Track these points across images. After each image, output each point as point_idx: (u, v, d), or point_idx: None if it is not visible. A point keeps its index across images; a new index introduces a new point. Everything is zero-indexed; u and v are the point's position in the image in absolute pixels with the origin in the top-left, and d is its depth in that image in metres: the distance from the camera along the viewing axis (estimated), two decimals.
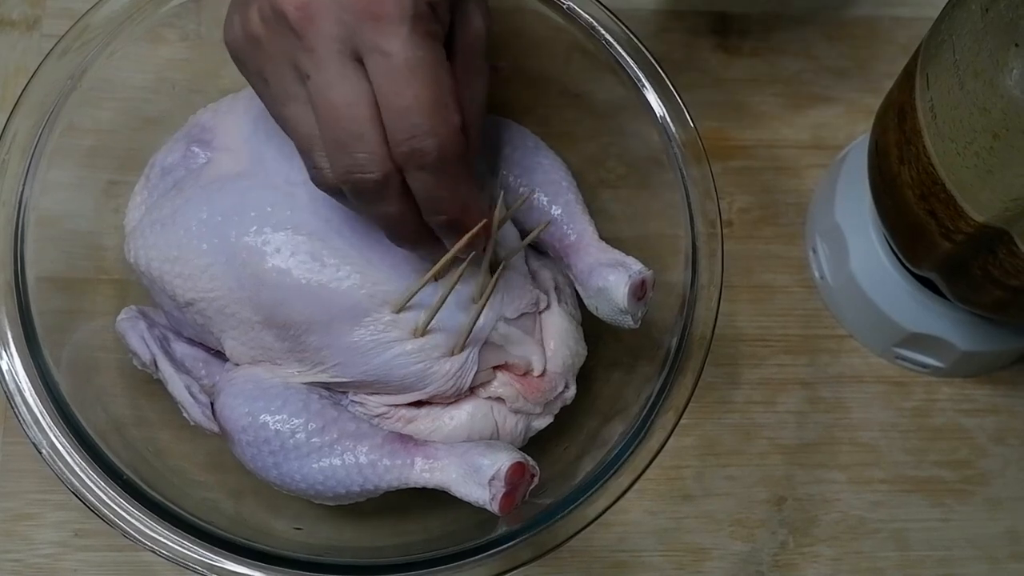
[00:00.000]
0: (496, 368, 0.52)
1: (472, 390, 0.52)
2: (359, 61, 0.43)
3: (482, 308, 0.49)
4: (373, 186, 0.44)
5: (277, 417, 0.49)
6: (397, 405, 0.51)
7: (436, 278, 0.49)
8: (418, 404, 0.51)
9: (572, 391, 0.53)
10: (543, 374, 0.52)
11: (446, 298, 0.49)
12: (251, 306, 0.50)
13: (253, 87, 0.47)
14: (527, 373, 0.52)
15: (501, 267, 0.50)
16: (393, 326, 0.50)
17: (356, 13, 0.42)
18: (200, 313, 0.52)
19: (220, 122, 0.55)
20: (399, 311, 0.50)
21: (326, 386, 0.51)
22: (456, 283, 0.49)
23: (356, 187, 0.44)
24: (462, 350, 0.50)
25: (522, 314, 0.52)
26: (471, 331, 0.49)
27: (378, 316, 0.50)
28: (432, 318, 0.49)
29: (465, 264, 0.48)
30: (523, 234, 0.55)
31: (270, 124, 0.49)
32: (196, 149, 0.55)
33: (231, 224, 0.51)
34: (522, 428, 0.52)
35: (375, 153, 0.43)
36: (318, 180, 0.46)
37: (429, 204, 0.45)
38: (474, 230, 0.47)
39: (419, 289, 0.49)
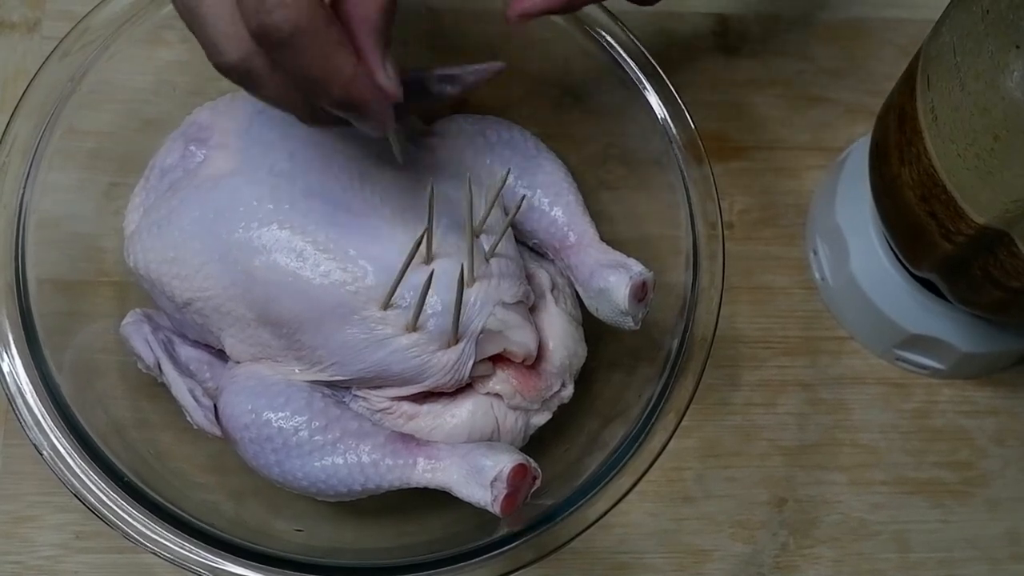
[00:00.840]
0: (495, 361, 0.52)
1: (472, 384, 0.52)
2: None
3: (461, 293, 0.48)
4: (233, 68, 0.41)
5: (280, 415, 0.49)
6: (400, 399, 0.51)
7: (427, 262, 0.49)
8: (420, 401, 0.51)
9: (569, 390, 0.53)
10: (539, 369, 0.52)
11: (427, 291, 0.48)
12: (245, 304, 0.51)
13: None
14: (525, 361, 0.52)
15: (490, 252, 0.50)
16: (384, 322, 0.50)
17: None
18: (199, 312, 0.52)
19: (217, 120, 0.55)
20: (386, 307, 0.50)
21: (328, 384, 0.51)
22: (431, 278, 0.48)
23: (220, 69, 0.41)
24: (458, 340, 0.50)
25: (518, 301, 0.52)
26: (458, 316, 0.49)
27: (367, 313, 0.50)
28: (419, 313, 0.49)
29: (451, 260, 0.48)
30: (522, 234, 0.55)
31: (266, 119, 0.49)
32: (193, 148, 0.55)
33: (223, 222, 0.51)
34: (522, 425, 0.52)
35: (226, 33, 0.40)
36: (210, 60, 0.42)
37: (301, 85, 0.41)
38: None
39: (398, 283, 0.49)
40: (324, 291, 0.49)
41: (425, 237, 0.49)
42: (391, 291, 0.49)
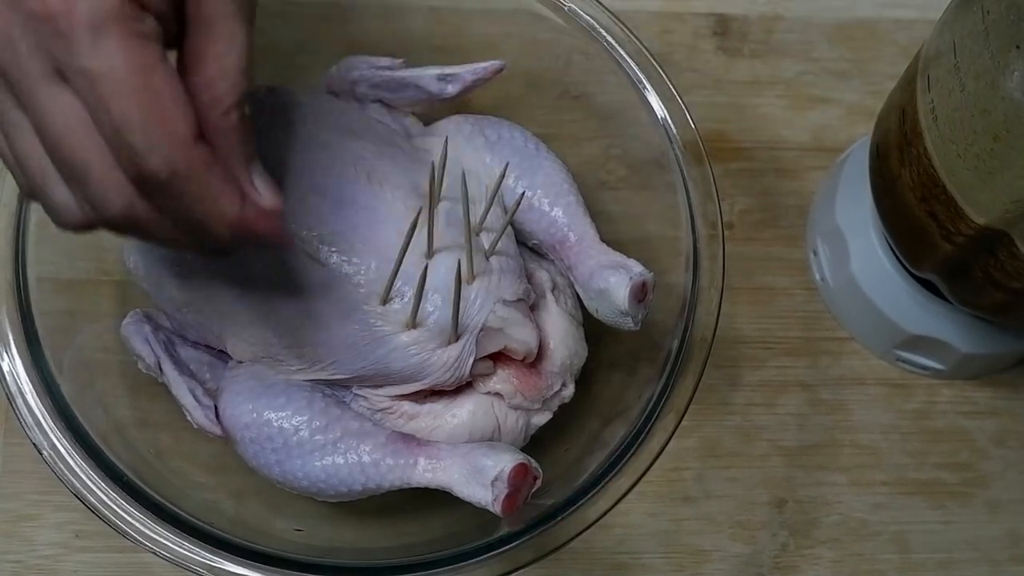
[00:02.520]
0: (496, 361, 0.52)
1: (472, 384, 0.52)
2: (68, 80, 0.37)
3: (459, 289, 0.48)
4: (121, 219, 0.39)
5: (280, 414, 0.49)
6: (400, 398, 0.51)
7: (428, 257, 0.49)
8: (420, 400, 0.51)
9: (570, 390, 0.53)
10: (539, 369, 0.52)
11: (423, 286, 0.48)
12: (246, 302, 0.51)
13: None
14: (526, 359, 0.52)
15: (492, 247, 0.50)
16: (384, 319, 0.50)
17: (41, 30, 0.36)
18: (199, 312, 0.52)
19: None
20: (384, 303, 0.50)
21: (328, 383, 0.51)
22: (425, 271, 0.48)
23: (105, 224, 0.39)
24: (458, 338, 0.50)
25: (519, 299, 0.52)
26: (457, 312, 0.49)
27: (367, 310, 0.50)
28: (417, 310, 0.49)
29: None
30: (522, 234, 0.55)
31: (267, 118, 0.49)
32: None
33: None
34: (522, 425, 0.52)
35: (108, 181, 0.38)
36: (61, 222, 0.40)
37: (190, 228, 0.40)
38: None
39: (395, 275, 0.49)
40: (326, 288, 0.49)
41: (426, 233, 0.50)
42: (389, 284, 0.49)
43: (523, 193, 0.53)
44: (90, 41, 0.36)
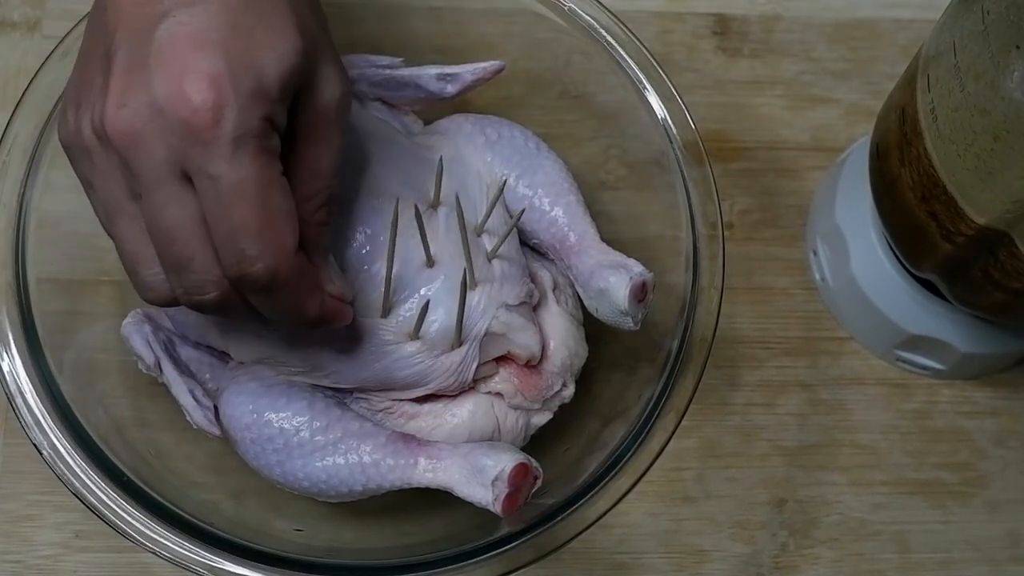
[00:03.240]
0: (498, 361, 0.52)
1: (474, 384, 0.52)
2: (189, 180, 0.41)
3: (464, 297, 0.48)
4: (212, 305, 0.43)
5: (281, 415, 0.49)
6: (401, 400, 0.51)
7: (429, 265, 0.49)
8: (420, 400, 0.51)
9: (570, 390, 0.53)
10: (540, 369, 0.52)
11: (426, 308, 0.48)
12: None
13: (83, 187, 0.45)
14: (528, 363, 0.52)
15: (492, 252, 0.50)
16: (386, 330, 0.50)
17: (182, 136, 0.40)
18: (200, 314, 0.52)
19: None
20: (386, 314, 0.50)
21: (330, 388, 0.51)
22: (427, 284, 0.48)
23: (196, 306, 0.43)
24: (461, 343, 0.50)
25: (522, 302, 0.52)
26: (461, 320, 0.49)
27: (369, 322, 0.50)
28: (422, 322, 0.49)
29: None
30: (523, 234, 0.55)
31: None
32: None
33: None
34: (523, 425, 0.52)
35: (208, 274, 0.42)
36: (149, 297, 0.44)
37: (274, 320, 0.45)
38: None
39: (388, 287, 0.49)
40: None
41: (431, 241, 0.49)
42: (385, 296, 0.49)
43: (523, 211, 0.53)
44: (229, 153, 0.40)
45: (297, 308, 0.44)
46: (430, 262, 0.50)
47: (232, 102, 0.39)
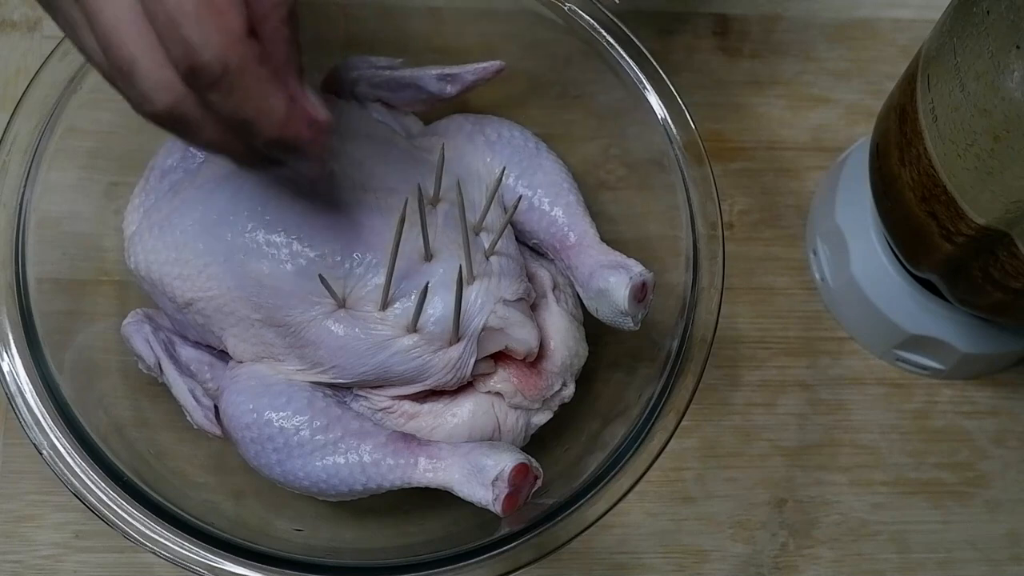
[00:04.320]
0: (496, 360, 0.52)
1: (473, 383, 0.52)
2: None
3: (460, 291, 0.48)
4: (166, 116, 0.39)
5: (281, 414, 0.49)
6: (400, 397, 0.51)
7: (427, 259, 0.49)
8: (421, 400, 0.51)
9: (570, 390, 0.53)
10: (540, 368, 0.52)
11: (424, 297, 0.48)
12: (251, 305, 0.51)
13: (54, 20, 0.41)
14: (527, 359, 0.52)
15: (490, 249, 0.51)
16: (384, 324, 0.50)
17: None
18: (200, 313, 0.52)
19: None
20: (384, 308, 0.50)
21: (329, 385, 0.51)
22: (426, 278, 0.48)
23: (153, 119, 0.39)
24: (459, 339, 0.50)
25: (519, 298, 0.52)
26: (458, 315, 0.49)
27: (367, 315, 0.50)
28: (419, 314, 0.49)
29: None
30: (522, 234, 0.55)
31: None
32: (194, 150, 0.55)
33: (225, 224, 0.51)
34: (523, 424, 0.52)
35: (156, 77, 0.38)
36: (140, 111, 0.40)
37: (237, 127, 0.40)
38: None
39: (389, 282, 0.49)
40: (326, 297, 0.49)
41: (427, 235, 0.50)
42: (385, 289, 0.49)
43: (520, 197, 0.53)
44: None
45: (259, 107, 0.39)
46: (428, 256, 0.50)
47: None
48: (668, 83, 0.56)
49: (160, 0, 0.36)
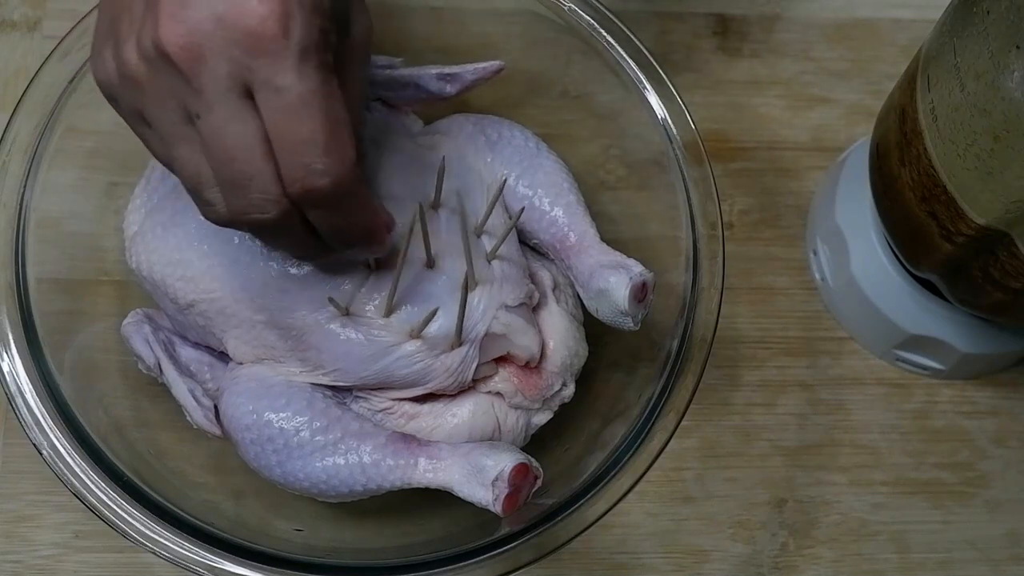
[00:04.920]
0: (498, 361, 0.52)
1: (473, 383, 0.52)
2: (250, 96, 0.40)
3: (464, 298, 0.48)
4: (271, 225, 0.43)
5: (281, 415, 0.49)
6: (401, 399, 0.51)
7: (430, 266, 0.50)
8: (421, 400, 0.51)
9: (570, 390, 0.53)
10: (540, 368, 0.52)
11: (434, 315, 0.48)
12: (254, 307, 0.51)
13: (130, 126, 0.44)
14: (528, 364, 0.52)
15: (492, 253, 0.51)
16: (387, 330, 0.50)
17: (246, 48, 0.39)
18: (201, 314, 0.52)
19: None
20: (388, 314, 0.50)
21: (329, 386, 0.51)
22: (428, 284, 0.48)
23: (254, 226, 0.43)
24: (461, 344, 0.50)
25: (522, 303, 0.52)
26: (461, 321, 0.49)
27: (371, 321, 0.50)
28: (427, 323, 0.49)
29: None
30: (523, 234, 0.55)
31: None
32: None
33: None
34: (523, 424, 0.52)
35: (270, 193, 0.41)
36: (211, 216, 0.44)
37: (330, 235, 0.45)
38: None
39: (394, 290, 0.49)
40: (335, 298, 0.49)
41: (424, 244, 0.50)
42: (390, 296, 0.49)
43: (523, 209, 0.53)
44: (296, 63, 0.39)
45: (353, 223, 0.44)
46: (430, 263, 0.50)
47: (296, 12, 0.39)
48: (668, 83, 0.56)
49: (294, 126, 0.40)
